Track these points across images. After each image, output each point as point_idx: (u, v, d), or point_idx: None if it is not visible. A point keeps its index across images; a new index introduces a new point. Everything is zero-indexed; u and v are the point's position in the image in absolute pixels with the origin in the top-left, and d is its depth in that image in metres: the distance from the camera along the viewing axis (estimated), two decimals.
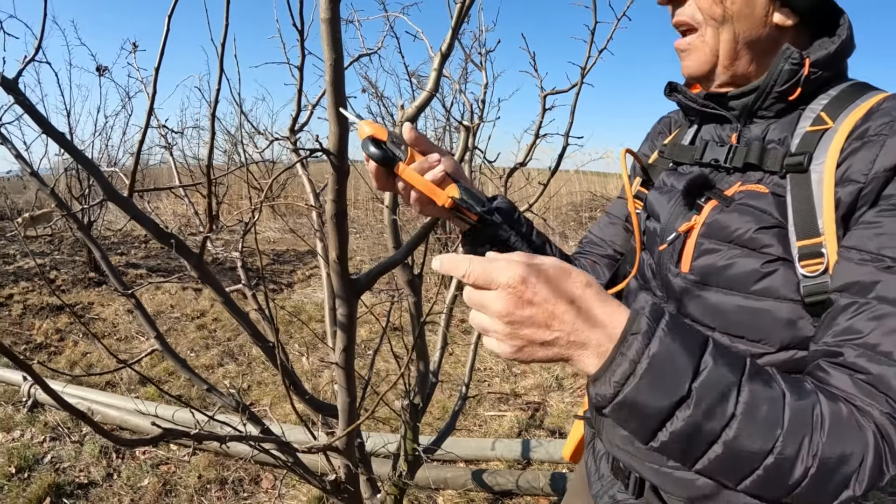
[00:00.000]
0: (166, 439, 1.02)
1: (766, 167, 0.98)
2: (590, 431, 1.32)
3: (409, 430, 2.29)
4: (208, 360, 5.31)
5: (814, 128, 0.95)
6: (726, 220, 0.97)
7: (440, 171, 1.02)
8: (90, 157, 3.53)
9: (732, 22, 0.99)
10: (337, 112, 1.13)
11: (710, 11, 0.99)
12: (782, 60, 0.97)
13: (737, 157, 1.03)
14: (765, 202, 0.95)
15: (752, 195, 0.97)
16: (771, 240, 0.92)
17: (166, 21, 1.43)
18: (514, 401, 4.63)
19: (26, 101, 1.36)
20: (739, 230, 0.95)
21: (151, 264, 8.94)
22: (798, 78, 0.97)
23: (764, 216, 0.94)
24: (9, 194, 13.55)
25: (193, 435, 1.13)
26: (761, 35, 1.00)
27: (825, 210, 0.88)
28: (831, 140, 0.91)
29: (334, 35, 1.09)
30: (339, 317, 1.38)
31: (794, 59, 0.96)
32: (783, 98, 1.00)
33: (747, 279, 0.94)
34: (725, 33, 1.00)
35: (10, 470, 3.52)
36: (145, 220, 1.53)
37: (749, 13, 0.98)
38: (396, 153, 1.01)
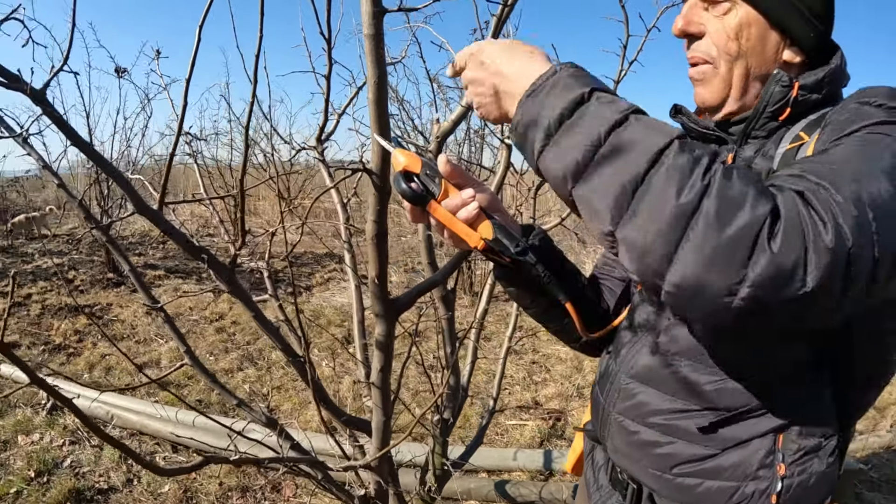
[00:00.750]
0: (207, 465, 0.99)
1: None
2: (589, 443, 1.38)
3: (438, 444, 2.26)
4: (228, 364, 5.29)
5: (792, 145, 1.02)
6: None
7: (474, 208, 1.01)
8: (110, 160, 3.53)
9: (746, 58, 1.06)
10: (380, 132, 1.10)
11: (726, 48, 1.06)
12: (773, 83, 1.05)
13: None
14: None
15: None
16: None
17: (197, 31, 1.41)
18: (535, 410, 4.59)
19: (55, 112, 1.35)
20: None
21: (169, 265, 8.96)
22: (787, 99, 1.04)
23: None
24: (28, 193, 13.66)
25: (234, 461, 1.10)
26: (771, 70, 1.07)
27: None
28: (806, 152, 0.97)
29: (378, 51, 1.06)
30: (378, 336, 1.36)
31: (784, 81, 1.04)
32: (774, 117, 1.07)
33: None
34: (739, 68, 1.07)
35: (29, 474, 3.52)
36: (176, 234, 1.52)
37: (761, 50, 1.06)
38: (430, 187, 0.98)
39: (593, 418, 1.31)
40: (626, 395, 1.16)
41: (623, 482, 1.18)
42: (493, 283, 2.40)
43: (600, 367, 1.31)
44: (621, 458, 1.18)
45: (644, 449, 1.11)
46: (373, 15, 1.04)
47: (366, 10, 1.03)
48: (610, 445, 1.21)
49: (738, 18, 1.05)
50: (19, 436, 3.95)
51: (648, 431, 1.11)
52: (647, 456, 1.11)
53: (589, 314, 1.29)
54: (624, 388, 1.17)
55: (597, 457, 1.32)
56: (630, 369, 1.17)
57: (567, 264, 1.30)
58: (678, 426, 1.07)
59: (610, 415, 1.21)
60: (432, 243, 1.88)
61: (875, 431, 4.18)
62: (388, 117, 1.11)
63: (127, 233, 11.35)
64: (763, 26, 1.05)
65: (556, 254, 1.27)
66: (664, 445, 1.09)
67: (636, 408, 1.14)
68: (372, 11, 1.03)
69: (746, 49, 1.05)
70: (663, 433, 1.09)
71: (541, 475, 3.62)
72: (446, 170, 1.00)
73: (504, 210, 1.11)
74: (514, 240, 1.01)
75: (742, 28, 1.05)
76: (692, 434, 1.06)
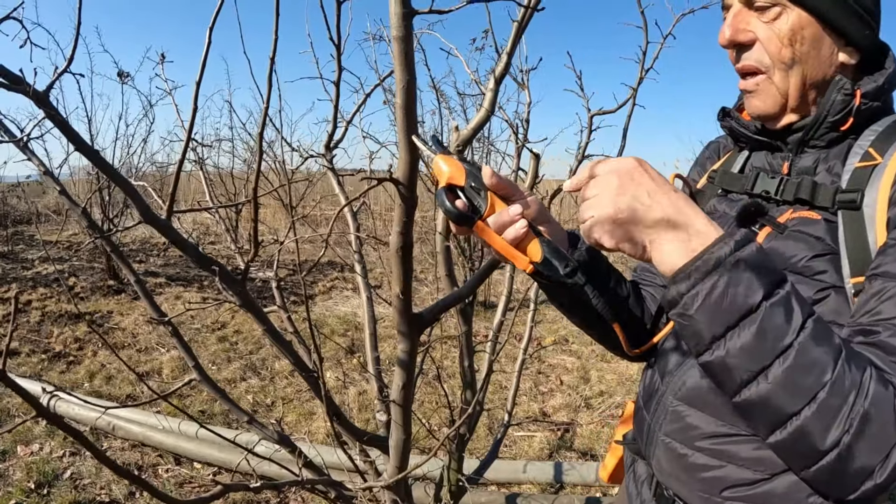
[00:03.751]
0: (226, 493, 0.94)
1: (817, 203, 1.01)
2: (630, 455, 1.34)
3: (453, 459, 2.21)
4: (230, 374, 5.23)
5: (863, 164, 0.98)
6: (781, 247, 1.00)
7: (522, 227, 0.93)
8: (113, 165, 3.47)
9: (801, 64, 1.01)
10: (408, 139, 1.04)
11: (780, 56, 1.01)
12: (835, 91, 1.01)
13: (787, 190, 1.06)
14: (818, 229, 0.98)
15: (805, 222, 1.00)
16: (825, 266, 0.95)
17: (207, 34, 1.38)
18: (543, 421, 4.54)
19: (58, 115, 1.30)
20: (794, 257, 0.98)
21: (171, 273, 8.91)
22: (850, 108, 1.00)
23: (818, 243, 0.97)
24: (28, 198, 13.63)
25: (254, 488, 1.05)
26: (828, 74, 1.02)
27: (878, 248, 0.91)
28: (881, 176, 0.94)
29: (407, 55, 1.01)
30: (400, 353, 1.30)
31: (847, 89, 1.00)
32: (835, 128, 1.03)
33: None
34: (794, 76, 1.02)
35: (29, 485, 3.46)
36: (185, 245, 1.47)
37: (816, 54, 1.01)
38: (476, 202, 0.91)
39: (637, 434, 1.27)
40: (675, 418, 1.11)
41: (669, 499, 1.14)
42: (508, 295, 2.35)
43: (644, 381, 1.27)
44: (667, 478, 1.14)
45: (692, 472, 1.07)
46: (402, 16, 0.98)
47: (394, 12, 0.98)
48: (655, 464, 1.17)
49: (791, 23, 0.99)
50: (18, 446, 3.89)
51: (697, 455, 1.06)
52: (696, 479, 1.07)
53: (634, 327, 1.27)
54: (673, 411, 1.11)
55: (638, 470, 1.28)
56: (678, 391, 1.11)
57: (613, 273, 1.25)
58: (728, 450, 1.02)
59: (656, 434, 1.16)
60: (450, 254, 1.82)
61: None
62: (416, 123, 1.05)
63: (127, 239, 11.31)
64: (817, 28, 0.99)
65: (602, 263, 1.22)
66: (714, 469, 1.04)
67: (684, 430, 1.09)
68: (401, 13, 0.98)
69: (801, 55, 1.00)
70: (713, 457, 1.04)
71: (551, 487, 3.56)
72: (492, 182, 0.93)
73: (551, 219, 1.06)
74: (564, 259, 0.94)
75: (795, 32, 0.99)
76: (742, 458, 1.01)
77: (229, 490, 1.03)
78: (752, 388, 0.76)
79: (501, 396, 4.80)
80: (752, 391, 0.77)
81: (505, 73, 1.70)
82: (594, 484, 3.55)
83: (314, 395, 1.72)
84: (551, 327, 6.55)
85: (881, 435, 0.73)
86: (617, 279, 1.26)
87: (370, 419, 4.37)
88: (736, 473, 1.01)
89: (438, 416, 4.40)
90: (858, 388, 0.74)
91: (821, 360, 0.74)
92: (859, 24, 0.99)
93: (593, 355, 5.81)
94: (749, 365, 0.76)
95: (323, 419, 4.29)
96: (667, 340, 1.21)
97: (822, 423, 0.74)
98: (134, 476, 0.87)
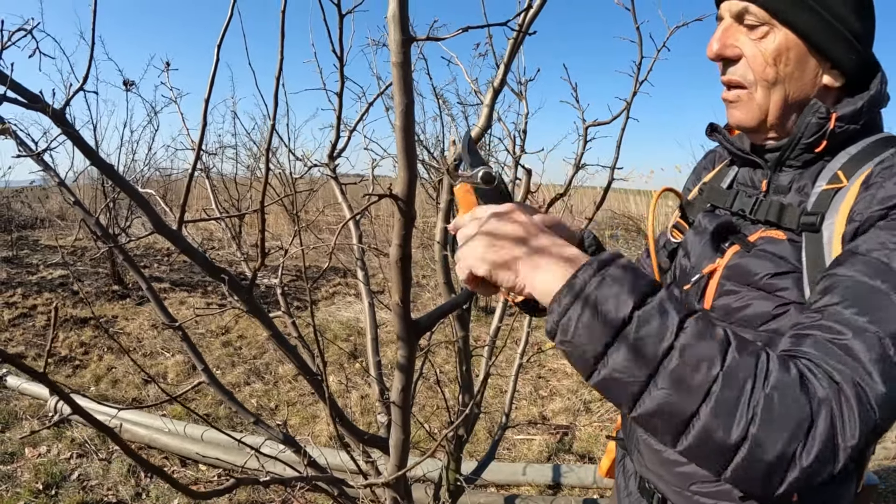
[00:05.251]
0: (239, 486, 1.01)
1: (783, 225, 1.04)
2: (620, 451, 1.40)
3: (452, 460, 2.27)
4: (234, 378, 5.29)
5: (829, 186, 1.00)
6: (746, 265, 1.04)
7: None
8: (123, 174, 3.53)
9: (784, 84, 1.03)
10: (407, 158, 1.11)
11: (763, 74, 1.03)
12: (810, 114, 1.03)
13: (760, 210, 1.10)
14: (782, 248, 1.01)
15: (771, 241, 1.04)
16: (787, 283, 0.98)
17: (215, 51, 1.42)
18: (543, 424, 4.59)
19: (74, 132, 1.35)
20: (758, 274, 1.01)
21: (175, 278, 8.97)
22: (824, 131, 1.02)
23: (781, 262, 1.00)
24: (32, 203, 13.69)
25: (263, 482, 1.12)
26: (810, 95, 1.04)
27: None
28: (843, 199, 0.97)
29: (406, 79, 1.07)
30: (400, 358, 1.37)
31: (821, 113, 1.02)
32: (810, 149, 1.05)
33: (759, 319, 1.01)
34: (776, 94, 1.04)
35: (37, 486, 3.52)
36: (196, 255, 1.52)
37: (800, 75, 1.03)
38: None
39: (623, 431, 1.35)
40: None
41: (650, 491, 1.21)
42: (505, 301, 2.41)
43: None
44: (647, 472, 1.21)
45: (667, 466, 1.14)
46: (401, 43, 1.04)
47: (394, 39, 1.04)
48: (637, 459, 1.25)
49: (777, 43, 1.01)
50: (27, 448, 3.95)
51: (670, 451, 1.13)
52: (670, 473, 1.14)
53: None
54: None
55: (627, 464, 1.34)
56: None
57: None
58: None
59: (636, 431, 1.24)
60: (448, 264, 1.89)
61: (882, 443, 4.18)
62: (415, 145, 1.12)
63: (131, 245, 11.36)
64: (802, 50, 1.01)
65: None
66: (684, 465, 1.11)
67: None
68: (400, 39, 1.04)
69: (785, 75, 1.02)
70: None
71: (549, 489, 3.62)
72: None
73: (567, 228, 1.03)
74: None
75: (780, 53, 1.01)
76: None
77: (241, 483, 1.10)
78: (646, 397, 0.74)
79: (501, 400, 4.85)
80: (646, 401, 0.74)
81: (502, 87, 1.77)
82: (592, 486, 3.60)
83: (317, 398, 1.78)
84: None
85: (789, 418, 0.72)
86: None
87: (372, 422, 4.42)
88: (702, 469, 1.08)
89: (438, 420, 4.46)
90: (755, 375, 0.73)
91: (707, 355, 0.72)
92: (845, 47, 1.01)
93: None
94: (636, 374, 0.73)
95: (326, 422, 4.35)
96: None
97: (724, 418, 0.72)
98: (162, 471, 0.95)
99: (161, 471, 0.94)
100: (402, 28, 1.03)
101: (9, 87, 1.21)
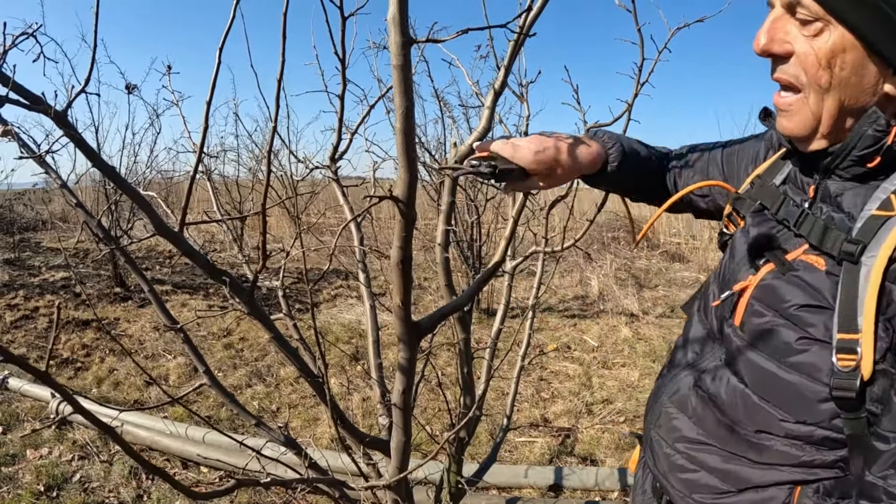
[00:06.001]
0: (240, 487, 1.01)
1: (824, 248, 0.94)
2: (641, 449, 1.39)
3: (453, 462, 2.27)
4: (236, 381, 5.29)
5: (879, 212, 0.90)
6: (778, 289, 0.98)
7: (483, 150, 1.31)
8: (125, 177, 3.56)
9: (839, 90, 0.91)
10: (407, 160, 1.11)
11: (816, 77, 0.91)
12: (867, 124, 0.92)
13: (804, 225, 1.00)
14: (818, 279, 0.93)
15: (809, 269, 0.96)
16: (815, 319, 0.92)
17: (217, 54, 1.42)
18: (544, 427, 4.59)
19: (76, 134, 1.35)
20: (788, 302, 0.95)
21: (176, 280, 8.97)
22: (880, 146, 0.91)
23: (815, 295, 0.93)
24: (34, 206, 13.72)
25: (264, 483, 1.12)
26: (868, 103, 0.92)
27: (866, 308, 0.86)
28: (890, 231, 0.87)
29: (406, 82, 1.07)
30: (401, 360, 1.37)
31: (880, 126, 0.90)
32: (861, 163, 0.94)
33: (784, 350, 0.95)
34: (830, 101, 0.92)
35: (38, 488, 3.52)
36: (197, 257, 1.52)
37: (858, 82, 0.90)
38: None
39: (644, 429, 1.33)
40: (665, 418, 1.18)
41: (659, 492, 1.22)
42: (506, 304, 2.41)
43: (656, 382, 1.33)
44: (657, 473, 1.21)
45: (674, 471, 1.14)
46: (401, 45, 1.04)
47: (394, 41, 1.04)
48: (649, 459, 1.25)
49: (831, 43, 0.88)
50: (28, 450, 3.95)
51: (677, 456, 1.13)
52: (676, 478, 1.13)
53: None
54: (664, 412, 1.19)
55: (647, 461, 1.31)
56: (672, 394, 1.18)
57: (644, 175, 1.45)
58: (699, 457, 1.10)
59: (650, 432, 1.24)
60: (449, 265, 1.89)
61: None
62: (415, 147, 1.12)
63: (133, 247, 11.36)
64: (860, 54, 0.88)
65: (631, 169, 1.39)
66: (689, 472, 1.11)
67: (670, 431, 1.16)
68: (400, 42, 1.04)
69: (840, 80, 0.90)
70: (688, 460, 1.11)
71: (551, 492, 3.61)
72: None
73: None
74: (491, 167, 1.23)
75: (836, 55, 0.89)
76: (711, 467, 1.07)
77: (242, 485, 1.10)
78: None
79: (502, 402, 4.85)
80: None
81: (503, 89, 1.76)
82: (594, 488, 3.59)
83: (319, 400, 1.78)
84: (553, 335, 6.59)
85: None
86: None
87: (373, 424, 4.42)
88: (706, 480, 1.08)
89: (440, 422, 4.46)
90: None
91: None
92: None
93: (594, 362, 5.86)
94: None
95: (327, 425, 4.35)
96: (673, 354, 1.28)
97: None
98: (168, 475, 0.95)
99: (162, 472, 0.94)
100: (401, 30, 1.03)
101: (11, 89, 1.22)
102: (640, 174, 1.43)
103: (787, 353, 0.95)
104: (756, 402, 1.00)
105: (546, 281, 4.04)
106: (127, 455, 0.87)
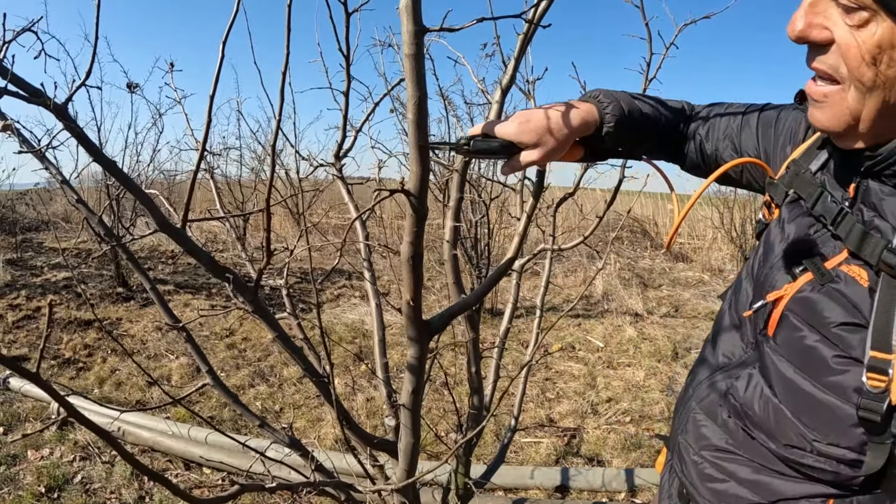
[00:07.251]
0: (244, 492, 0.98)
1: (863, 256, 0.86)
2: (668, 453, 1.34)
3: (461, 464, 2.24)
4: (239, 381, 5.26)
5: None
6: (817, 304, 0.90)
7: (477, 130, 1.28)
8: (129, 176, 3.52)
9: (884, 89, 0.81)
10: (420, 152, 1.08)
11: (859, 73, 0.81)
12: None
13: (842, 226, 0.91)
14: (860, 295, 0.86)
15: (851, 283, 0.87)
16: (853, 340, 0.85)
17: (220, 48, 1.40)
18: (550, 427, 4.56)
19: (77, 128, 1.32)
20: (826, 319, 0.88)
21: (179, 280, 8.94)
22: None
23: (853, 312, 0.85)
24: (36, 206, 13.70)
25: (269, 488, 1.09)
26: None
27: None
28: None
29: (419, 71, 1.04)
30: (410, 359, 1.34)
31: None
32: None
33: (820, 370, 0.89)
34: (873, 100, 0.82)
35: (39, 489, 3.50)
36: (201, 254, 1.49)
37: None
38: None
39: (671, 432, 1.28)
40: (693, 424, 1.14)
41: (686, 498, 1.16)
42: (514, 303, 2.38)
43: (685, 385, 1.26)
44: (685, 479, 1.16)
45: (703, 480, 1.09)
46: (414, 34, 1.01)
47: (407, 29, 1.01)
48: (676, 464, 1.20)
49: (879, 36, 0.78)
50: (29, 451, 3.93)
51: (705, 464, 1.09)
52: (705, 487, 1.09)
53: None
54: (693, 418, 1.14)
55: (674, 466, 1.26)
56: (701, 400, 1.14)
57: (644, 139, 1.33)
58: (728, 468, 1.05)
59: (677, 436, 1.19)
60: (457, 263, 1.86)
61: None
62: (428, 137, 1.08)
63: (136, 247, 11.34)
64: None
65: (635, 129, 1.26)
66: (718, 482, 1.06)
67: (698, 439, 1.12)
68: (413, 30, 1.01)
69: (886, 79, 0.80)
70: (717, 470, 1.07)
71: (558, 493, 3.58)
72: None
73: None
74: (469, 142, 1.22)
75: (883, 50, 0.78)
76: (741, 479, 1.03)
77: (245, 490, 1.06)
78: None
79: (508, 403, 4.82)
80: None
81: (511, 85, 1.73)
82: (601, 489, 3.57)
83: (323, 401, 1.75)
84: (558, 334, 6.56)
85: None
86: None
87: (378, 425, 4.39)
88: (736, 490, 1.03)
89: (446, 422, 4.43)
90: None
91: None
92: None
93: (600, 362, 5.83)
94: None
95: (332, 425, 4.32)
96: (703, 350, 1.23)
97: None
98: (168, 481, 0.91)
99: (163, 477, 0.91)
100: (414, 18, 1.00)
101: (10, 81, 1.19)
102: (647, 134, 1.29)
103: (823, 372, 0.88)
104: (789, 417, 0.93)
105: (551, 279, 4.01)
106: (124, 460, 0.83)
